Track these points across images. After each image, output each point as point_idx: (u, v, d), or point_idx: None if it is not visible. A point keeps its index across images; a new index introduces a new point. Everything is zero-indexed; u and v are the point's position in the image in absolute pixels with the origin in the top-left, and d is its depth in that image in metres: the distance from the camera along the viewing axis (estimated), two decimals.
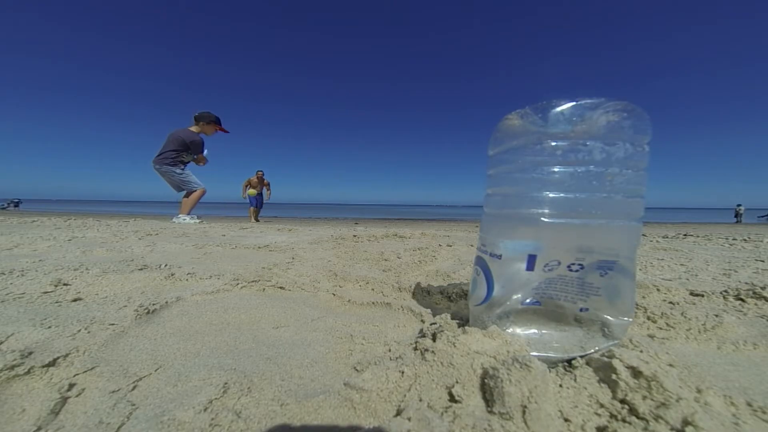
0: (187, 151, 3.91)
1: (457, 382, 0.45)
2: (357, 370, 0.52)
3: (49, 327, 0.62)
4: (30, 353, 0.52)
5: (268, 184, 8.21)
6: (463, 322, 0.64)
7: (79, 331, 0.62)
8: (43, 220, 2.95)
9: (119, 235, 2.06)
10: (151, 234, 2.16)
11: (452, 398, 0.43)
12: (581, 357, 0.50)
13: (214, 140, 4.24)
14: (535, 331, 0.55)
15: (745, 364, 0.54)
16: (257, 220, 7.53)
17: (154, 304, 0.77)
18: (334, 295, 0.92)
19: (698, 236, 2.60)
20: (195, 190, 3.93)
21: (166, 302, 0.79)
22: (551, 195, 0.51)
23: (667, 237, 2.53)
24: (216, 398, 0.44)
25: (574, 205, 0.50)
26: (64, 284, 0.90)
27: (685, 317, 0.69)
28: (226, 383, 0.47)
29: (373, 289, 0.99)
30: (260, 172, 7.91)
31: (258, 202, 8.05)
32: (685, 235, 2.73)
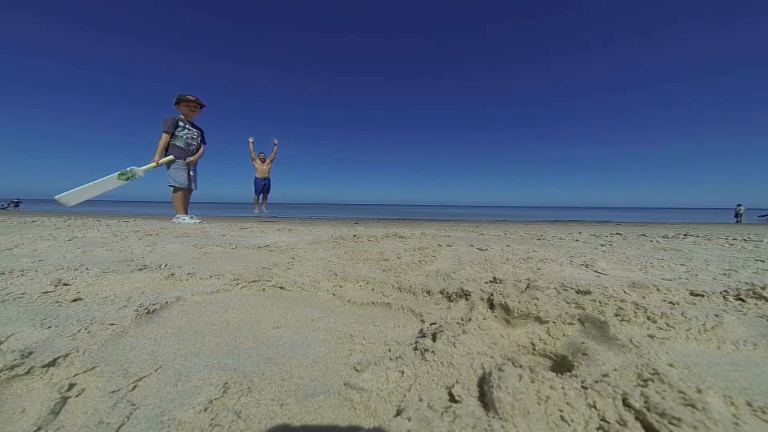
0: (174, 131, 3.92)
1: (457, 382, 0.45)
2: (357, 370, 0.52)
3: (49, 327, 0.62)
4: (30, 353, 0.52)
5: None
6: (463, 322, 0.64)
7: (79, 331, 0.62)
8: (43, 220, 2.95)
9: (119, 235, 2.06)
10: (151, 234, 2.16)
11: (452, 398, 0.43)
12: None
13: (217, 129, 4.18)
14: None
15: (745, 364, 0.54)
16: (264, 210, 7.46)
17: (154, 304, 0.77)
18: (334, 295, 0.92)
19: (698, 236, 2.60)
20: (174, 187, 3.89)
21: (166, 302, 0.79)
22: None
23: (667, 237, 2.53)
24: (216, 398, 0.44)
25: None
26: (64, 284, 0.90)
27: (685, 317, 0.69)
28: (226, 383, 0.47)
29: (373, 289, 0.99)
30: (262, 155, 7.78)
31: (265, 188, 7.83)
32: (685, 235, 2.73)
